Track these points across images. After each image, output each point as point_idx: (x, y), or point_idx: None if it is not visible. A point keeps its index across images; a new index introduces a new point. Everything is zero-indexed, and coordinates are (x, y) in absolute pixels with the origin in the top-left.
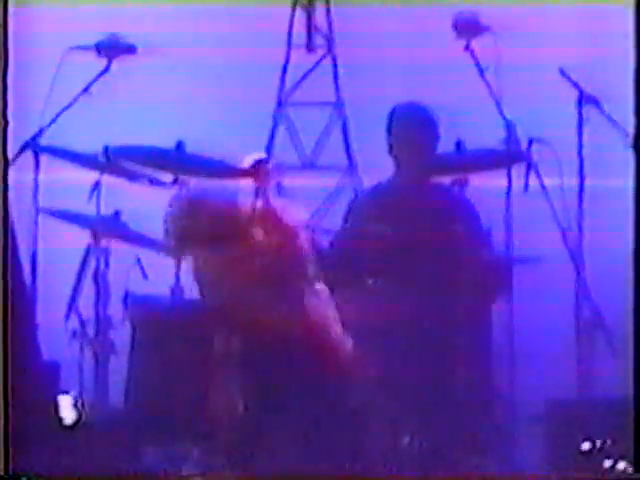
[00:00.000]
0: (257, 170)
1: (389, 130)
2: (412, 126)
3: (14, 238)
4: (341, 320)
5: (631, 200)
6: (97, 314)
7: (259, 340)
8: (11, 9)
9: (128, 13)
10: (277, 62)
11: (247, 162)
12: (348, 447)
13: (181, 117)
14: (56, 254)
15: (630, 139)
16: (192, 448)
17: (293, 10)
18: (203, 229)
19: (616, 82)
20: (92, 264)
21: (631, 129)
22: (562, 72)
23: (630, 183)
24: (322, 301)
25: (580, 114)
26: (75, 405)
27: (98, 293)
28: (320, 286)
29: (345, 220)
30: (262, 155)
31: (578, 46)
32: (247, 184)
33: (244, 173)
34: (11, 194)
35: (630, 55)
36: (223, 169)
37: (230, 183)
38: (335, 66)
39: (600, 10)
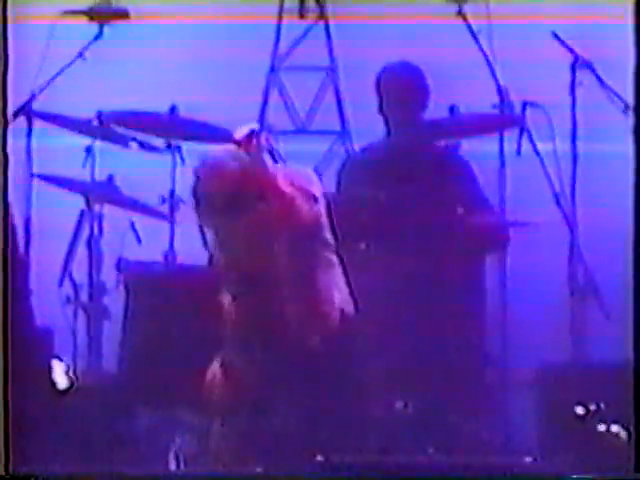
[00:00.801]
0: (249, 141)
1: (378, 89)
2: (400, 85)
3: (7, 204)
4: (336, 284)
5: (626, 163)
6: (91, 279)
7: (258, 304)
8: None
9: None
10: (270, 27)
11: (240, 133)
12: (342, 412)
13: (174, 82)
14: (50, 219)
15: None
16: (186, 414)
17: None
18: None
19: (610, 46)
20: (86, 229)
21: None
22: (555, 36)
23: (624, 147)
24: (320, 265)
25: (574, 78)
26: (68, 371)
27: (92, 258)
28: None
29: (338, 184)
30: (255, 126)
31: (572, 10)
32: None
33: (236, 143)
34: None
35: (628, 18)
36: (216, 134)
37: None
38: (328, 31)
39: None
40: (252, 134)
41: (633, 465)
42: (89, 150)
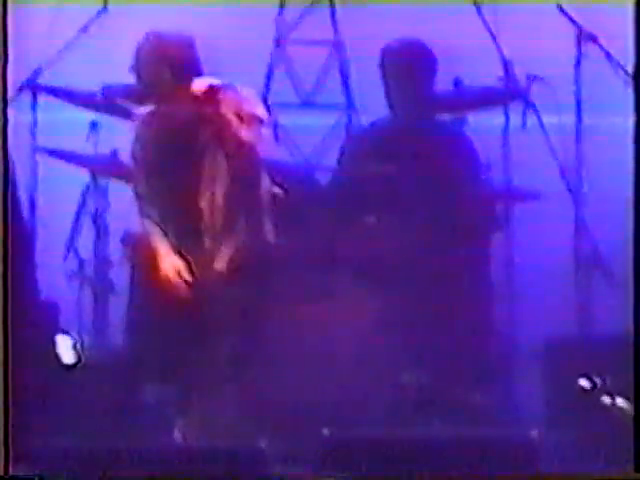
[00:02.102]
0: (208, 96)
1: (382, 65)
2: (404, 60)
3: (13, 178)
4: (341, 259)
5: (629, 136)
6: (96, 254)
7: (260, 283)
8: None
9: None
10: (275, 0)
11: (199, 87)
12: (349, 385)
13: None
14: (54, 194)
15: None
16: (191, 389)
17: None
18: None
19: (614, 19)
20: (91, 204)
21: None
22: (560, 9)
23: (628, 119)
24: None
25: (579, 51)
26: (74, 345)
27: (97, 233)
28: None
29: (343, 158)
30: (215, 81)
31: None
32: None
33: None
34: (10, 134)
35: None
36: None
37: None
38: (333, 4)
39: None
40: (211, 89)
41: (633, 465)
42: (94, 124)
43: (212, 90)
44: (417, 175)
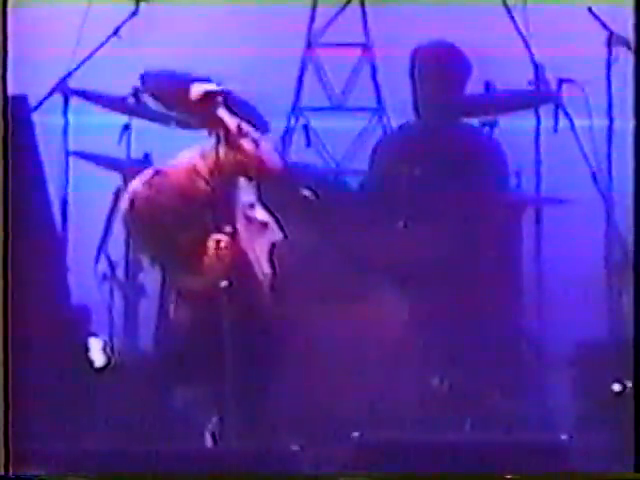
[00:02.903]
0: (206, 103)
1: (413, 68)
2: (437, 64)
3: (44, 181)
4: (371, 262)
5: None
6: (127, 257)
7: (291, 286)
8: None
9: None
10: (306, 3)
11: (196, 92)
12: (378, 388)
13: (210, 58)
14: (86, 197)
15: None
16: (222, 392)
17: None
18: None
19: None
20: (122, 207)
21: None
22: (591, 12)
23: None
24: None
25: (609, 54)
26: (104, 348)
27: (128, 236)
28: None
29: (373, 161)
30: (212, 86)
31: None
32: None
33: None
34: (41, 137)
35: None
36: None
37: None
38: (363, 7)
39: None
40: (209, 95)
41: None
42: (126, 127)
43: (210, 96)
44: (447, 179)
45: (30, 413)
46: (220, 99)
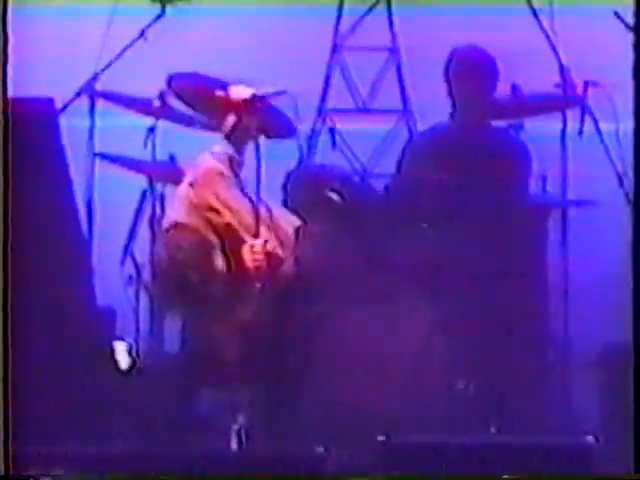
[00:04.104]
0: (248, 106)
1: (447, 72)
2: (471, 68)
3: (70, 183)
4: (397, 264)
5: None
6: (152, 259)
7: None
8: None
9: None
10: (332, 6)
11: (237, 94)
12: (404, 391)
13: (236, 61)
14: (112, 199)
15: None
16: (248, 396)
17: None
18: None
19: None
20: (148, 209)
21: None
22: (617, 15)
23: None
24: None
25: (636, 57)
26: (129, 350)
27: (154, 238)
28: None
29: (400, 164)
30: (253, 90)
31: None
32: None
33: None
34: (67, 139)
35: None
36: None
37: None
38: (390, 10)
39: None
40: (253, 99)
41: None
42: (151, 130)
43: (254, 100)
44: (473, 182)
45: (53, 415)
46: (252, 103)
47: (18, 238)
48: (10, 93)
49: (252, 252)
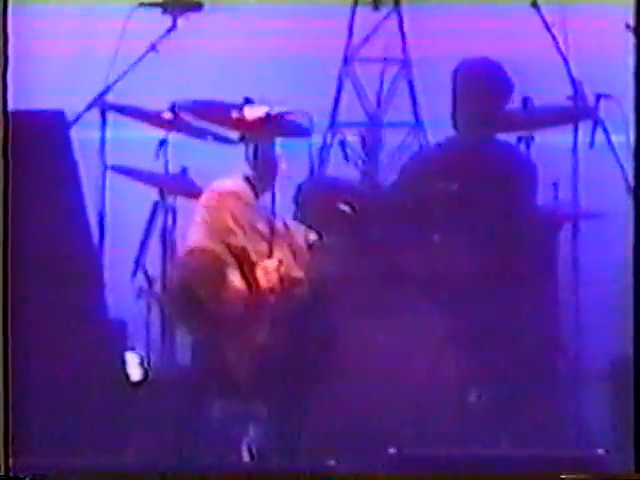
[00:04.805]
0: (262, 124)
1: (454, 84)
2: (480, 80)
3: (82, 195)
4: (408, 275)
5: None
6: (164, 272)
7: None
8: None
9: None
10: (343, 18)
11: (251, 113)
12: (415, 403)
13: (247, 73)
14: (123, 212)
15: None
16: (260, 407)
17: None
18: None
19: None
20: (159, 221)
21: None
22: (628, 27)
23: None
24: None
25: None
26: (141, 362)
27: (165, 250)
28: None
29: (409, 175)
30: (267, 108)
31: None
32: None
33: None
34: (78, 152)
35: None
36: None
37: None
38: (401, 22)
39: None
40: (267, 117)
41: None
42: (163, 142)
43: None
44: (483, 194)
45: (65, 426)
46: (269, 120)
47: (29, 251)
48: (20, 106)
49: (266, 273)
